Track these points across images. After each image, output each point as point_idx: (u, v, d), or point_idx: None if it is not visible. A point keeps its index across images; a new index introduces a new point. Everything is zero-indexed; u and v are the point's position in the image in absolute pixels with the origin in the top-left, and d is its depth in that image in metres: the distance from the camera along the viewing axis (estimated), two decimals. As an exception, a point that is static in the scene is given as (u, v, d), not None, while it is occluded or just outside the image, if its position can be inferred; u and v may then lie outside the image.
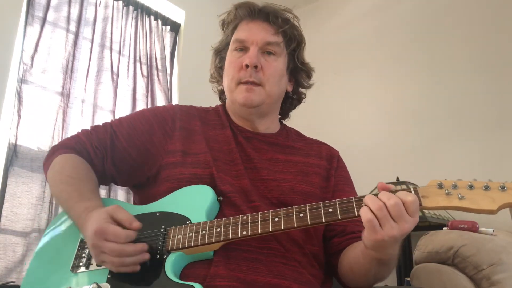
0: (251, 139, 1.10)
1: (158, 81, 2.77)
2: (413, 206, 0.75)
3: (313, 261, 0.98)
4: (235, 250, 0.89)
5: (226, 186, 0.96)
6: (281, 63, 1.10)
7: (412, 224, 0.76)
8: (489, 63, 2.48)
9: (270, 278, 0.88)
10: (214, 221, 0.88)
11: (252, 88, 1.05)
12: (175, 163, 1.01)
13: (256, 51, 1.06)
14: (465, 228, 1.55)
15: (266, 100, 1.07)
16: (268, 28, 1.09)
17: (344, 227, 1.02)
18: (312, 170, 1.07)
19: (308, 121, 1.21)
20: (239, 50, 1.09)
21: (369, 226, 0.76)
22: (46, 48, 2.26)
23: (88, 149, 1.05)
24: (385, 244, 0.78)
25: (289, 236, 0.94)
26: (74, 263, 0.94)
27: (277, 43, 1.08)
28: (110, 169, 1.06)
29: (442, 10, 2.75)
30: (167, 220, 0.93)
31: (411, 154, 2.61)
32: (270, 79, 1.06)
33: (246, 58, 1.05)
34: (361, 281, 0.95)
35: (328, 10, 3.34)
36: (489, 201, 0.74)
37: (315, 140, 1.21)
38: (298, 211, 0.83)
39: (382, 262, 0.86)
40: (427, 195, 0.78)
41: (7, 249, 1.94)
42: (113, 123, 1.11)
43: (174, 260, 0.86)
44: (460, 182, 0.77)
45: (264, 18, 1.10)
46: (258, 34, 1.08)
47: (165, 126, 1.08)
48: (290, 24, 1.11)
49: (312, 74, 1.20)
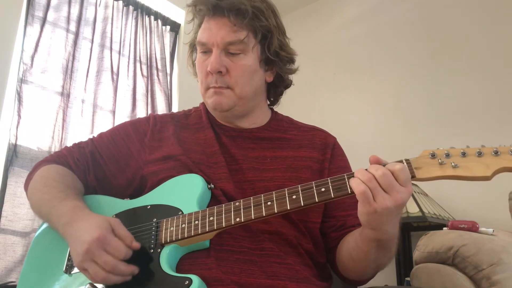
0: (236, 138, 1.05)
1: (158, 81, 2.77)
2: (402, 175, 0.73)
3: (308, 260, 0.95)
4: (227, 252, 0.87)
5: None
6: (250, 59, 1.00)
7: (406, 194, 0.73)
8: (488, 62, 2.47)
9: (264, 280, 0.85)
10: (206, 210, 0.86)
11: (220, 91, 0.99)
12: (156, 172, 1.00)
13: (218, 54, 0.98)
14: (465, 228, 1.55)
15: (238, 102, 1.01)
16: (227, 24, 0.98)
17: (344, 221, 1.00)
18: (303, 164, 1.02)
19: (307, 121, 1.20)
20: (203, 53, 1.02)
21: (362, 198, 0.73)
22: (46, 48, 2.27)
23: (69, 162, 1.04)
24: (380, 218, 0.75)
25: (281, 237, 0.92)
26: (67, 264, 0.92)
27: (239, 41, 0.98)
28: (93, 181, 1.05)
29: (441, 10, 2.75)
30: (158, 213, 0.91)
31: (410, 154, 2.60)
32: (239, 80, 0.99)
33: (209, 65, 0.98)
34: (360, 267, 0.92)
35: (327, 10, 3.33)
36: (484, 168, 0.72)
37: (311, 126, 1.14)
38: (290, 193, 0.81)
39: (381, 244, 0.83)
40: (420, 166, 0.76)
41: (7, 249, 1.94)
42: (94, 139, 1.10)
43: (168, 253, 0.85)
44: (453, 150, 0.76)
45: (222, 13, 0.98)
46: (217, 34, 0.98)
47: (144, 138, 1.07)
48: (251, 14, 0.98)
49: (295, 57, 1.10)
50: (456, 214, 2.24)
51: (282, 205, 0.81)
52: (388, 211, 0.73)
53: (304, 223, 0.96)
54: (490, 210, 2.14)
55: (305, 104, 3.04)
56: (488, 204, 2.16)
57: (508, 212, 1.74)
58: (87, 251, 0.79)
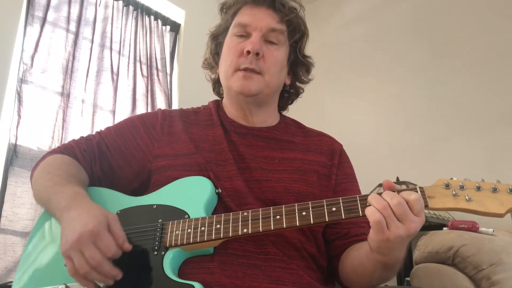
0: (246, 135, 1.05)
1: (158, 81, 2.77)
2: (417, 205, 0.73)
3: (312, 263, 0.95)
4: (231, 255, 0.86)
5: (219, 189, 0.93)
6: (283, 53, 1.05)
7: (419, 223, 0.73)
8: (489, 61, 2.47)
9: (267, 284, 0.84)
10: (213, 216, 0.85)
11: (250, 76, 1.00)
12: (164, 167, 0.99)
13: (259, 38, 1.01)
14: (465, 228, 1.55)
15: (265, 90, 1.02)
16: (272, 14, 1.04)
17: (348, 230, 0.99)
18: (311, 168, 1.02)
19: (308, 121, 1.19)
20: (240, 36, 1.04)
21: (377, 227, 0.73)
22: (46, 48, 2.27)
23: (76, 152, 1.03)
24: (392, 246, 0.75)
25: (286, 240, 0.91)
26: None
27: (281, 31, 1.04)
28: (98, 172, 1.03)
29: (442, 9, 2.75)
30: (164, 214, 0.89)
31: (411, 154, 2.61)
32: (271, 68, 1.02)
33: (248, 44, 0.99)
34: (364, 282, 0.92)
35: (328, 10, 3.33)
36: (498, 204, 0.72)
37: (318, 132, 1.15)
38: (300, 209, 0.80)
39: (387, 266, 0.83)
40: (434, 195, 0.76)
41: (7, 249, 1.94)
42: (102, 132, 1.09)
43: (172, 257, 0.84)
44: (468, 183, 0.75)
45: (269, 4, 1.04)
46: (262, 20, 1.02)
47: (152, 131, 1.06)
48: (296, 13, 1.07)
49: (312, 69, 1.15)
50: (456, 214, 2.24)
51: (291, 221, 0.80)
52: (400, 239, 0.73)
53: (309, 227, 0.96)
54: (490, 210, 2.13)
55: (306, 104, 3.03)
56: (488, 204, 2.16)
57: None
58: (77, 240, 0.77)
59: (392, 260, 0.80)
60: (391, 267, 0.84)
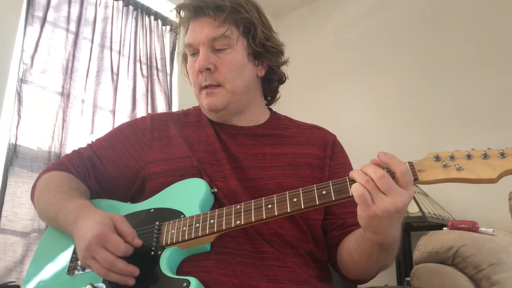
0: (235, 135, 1.05)
1: (158, 81, 2.77)
2: (404, 178, 0.71)
3: (309, 260, 0.95)
4: (229, 255, 0.87)
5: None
6: (237, 53, 1.01)
7: (407, 197, 0.71)
8: (489, 61, 2.47)
9: (265, 283, 0.85)
10: (207, 213, 0.87)
11: (212, 92, 1.00)
12: (158, 173, 1.00)
13: (206, 52, 0.99)
14: (465, 228, 1.55)
15: (232, 99, 1.02)
16: (212, 22, 1.00)
17: (344, 219, 0.99)
18: (303, 161, 1.01)
19: (307, 121, 1.19)
20: (193, 54, 1.04)
21: (360, 201, 0.72)
22: (46, 48, 2.26)
23: (69, 168, 1.05)
24: (381, 222, 0.73)
25: (281, 238, 0.92)
26: (70, 266, 0.93)
27: (223, 36, 0.99)
28: (94, 185, 1.05)
29: (442, 8, 2.75)
30: (160, 216, 0.92)
31: (411, 154, 2.60)
32: (228, 75, 1.00)
33: (196, 63, 1.00)
34: (362, 268, 0.91)
35: (327, 10, 3.33)
36: (489, 170, 0.70)
37: (310, 124, 1.14)
38: (291, 195, 0.80)
39: (383, 247, 0.81)
40: (424, 168, 0.74)
41: (7, 249, 1.94)
42: (93, 143, 1.11)
43: (169, 255, 0.85)
44: (458, 153, 0.73)
45: (205, 13, 1.01)
46: (201, 33, 1.01)
47: (143, 138, 1.07)
48: (229, 8, 1.00)
49: (283, 48, 1.10)
50: (456, 214, 2.24)
51: (283, 208, 0.80)
52: (388, 214, 0.71)
53: (305, 221, 0.96)
54: (490, 210, 2.14)
55: (306, 103, 3.04)
56: (488, 204, 2.16)
57: (508, 212, 1.74)
58: (87, 247, 0.80)
59: (387, 239, 0.79)
60: (388, 248, 0.82)
